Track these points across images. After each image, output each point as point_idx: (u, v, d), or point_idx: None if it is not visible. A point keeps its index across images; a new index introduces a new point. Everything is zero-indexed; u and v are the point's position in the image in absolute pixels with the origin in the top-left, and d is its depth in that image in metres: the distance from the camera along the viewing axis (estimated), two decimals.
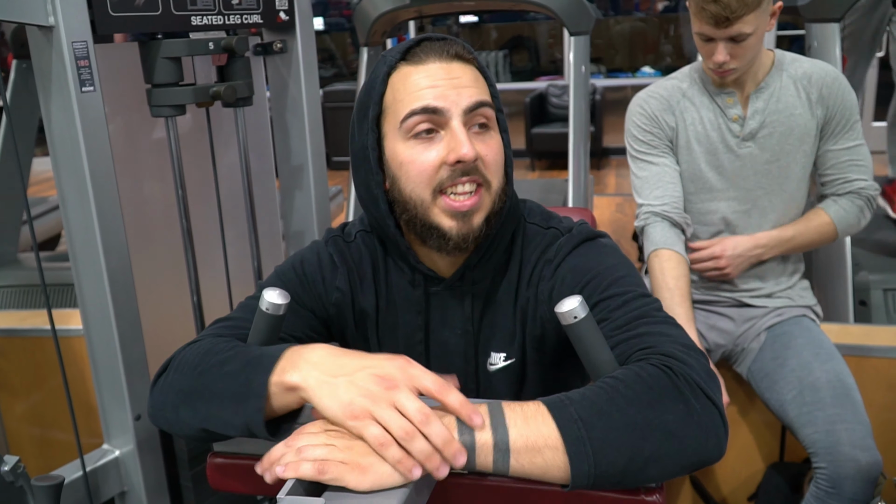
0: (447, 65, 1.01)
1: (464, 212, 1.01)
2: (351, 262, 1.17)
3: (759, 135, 1.77)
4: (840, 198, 1.80)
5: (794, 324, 1.83)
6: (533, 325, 1.11)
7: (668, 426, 0.79)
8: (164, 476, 1.56)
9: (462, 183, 1.00)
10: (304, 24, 1.75)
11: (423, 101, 0.99)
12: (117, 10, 1.35)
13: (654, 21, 8.53)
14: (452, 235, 1.02)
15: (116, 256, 1.39)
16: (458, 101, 0.99)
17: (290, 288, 1.09)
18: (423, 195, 1.02)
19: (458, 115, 0.99)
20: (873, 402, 1.91)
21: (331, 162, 7.40)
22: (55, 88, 1.31)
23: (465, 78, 1.01)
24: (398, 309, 1.16)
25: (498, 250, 1.10)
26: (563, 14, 2.61)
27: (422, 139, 1.00)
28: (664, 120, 1.82)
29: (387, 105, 1.03)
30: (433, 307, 1.14)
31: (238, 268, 1.85)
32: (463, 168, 0.99)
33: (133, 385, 1.45)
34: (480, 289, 1.12)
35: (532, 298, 1.10)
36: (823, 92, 1.74)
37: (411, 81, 1.00)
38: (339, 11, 9.35)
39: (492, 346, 1.13)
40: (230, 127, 1.79)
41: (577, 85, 2.73)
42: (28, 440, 2.33)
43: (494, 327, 1.13)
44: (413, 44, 1.03)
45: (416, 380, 0.82)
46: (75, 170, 1.34)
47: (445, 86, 0.99)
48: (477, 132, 1.01)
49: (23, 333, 2.23)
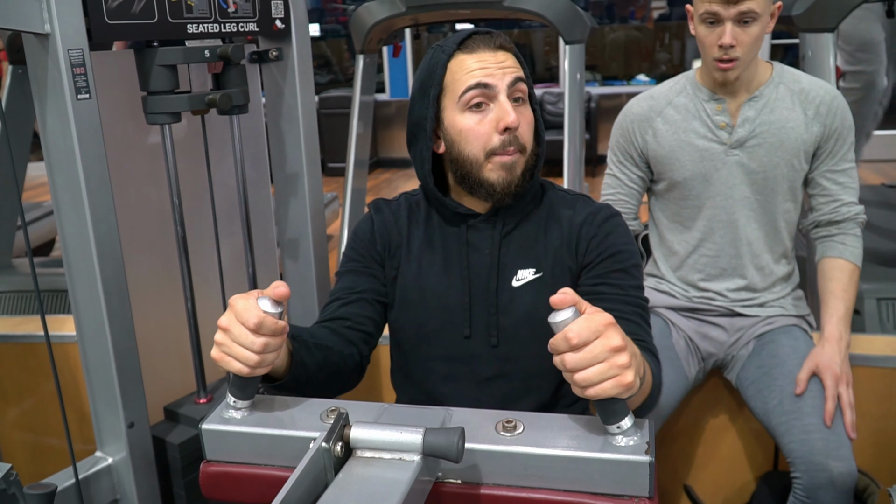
0: (493, 53, 1.25)
1: (510, 164, 1.25)
2: (387, 211, 1.41)
3: (747, 144, 1.76)
4: (841, 234, 1.79)
5: (783, 332, 1.83)
6: (554, 260, 1.32)
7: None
8: (156, 484, 1.55)
9: (508, 153, 1.25)
10: (299, 32, 1.75)
11: (477, 79, 1.23)
12: (113, 18, 1.35)
13: (648, 29, 8.56)
14: (498, 187, 1.26)
15: (111, 263, 1.39)
16: (503, 79, 1.23)
17: (353, 256, 1.39)
18: (478, 155, 1.25)
19: (503, 89, 1.23)
20: (866, 412, 1.91)
21: (326, 168, 7.40)
22: (51, 95, 1.31)
23: (508, 62, 1.25)
24: (436, 239, 1.37)
25: (527, 197, 1.34)
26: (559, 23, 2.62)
27: (476, 110, 1.24)
28: (637, 134, 1.88)
29: (446, 84, 1.27)
30: (469, 236, 1.34)
31: (233, 275, 1.84)
32: (510, 135, 1.23)
33: (126, 392, 1.44)
34: (511, 221, 1.33)
35: (559, 239, 1.33)
36: (821, 110, 1.74)
37: (467, 65, 1.24)
38: (335, 18, 9.37)
39: (519, 265, 1.32)
40: (225, 134, 1.79)
41: (573, 93, 2.73)
42: (20, 447, 2.32)
43: (522, 249, 1.33)
44: (465, 36, 1.27)
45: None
46: (70, 176, 1.34)
47: (493, 68, 1.23)
48: (515, 105, 1.24)
49: (16, 339, 2.22)
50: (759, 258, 1.84)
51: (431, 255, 1.37)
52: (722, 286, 1.87)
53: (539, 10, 2.60)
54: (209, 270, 1.80)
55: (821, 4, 2.24)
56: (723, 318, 1.89)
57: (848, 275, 1.76)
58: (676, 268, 1.93)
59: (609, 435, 0.91)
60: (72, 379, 2.05)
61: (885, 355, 1.89)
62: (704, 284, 1.89)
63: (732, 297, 1.87)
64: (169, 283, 1.71)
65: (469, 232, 1.35)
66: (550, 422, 0.95)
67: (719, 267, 1.86)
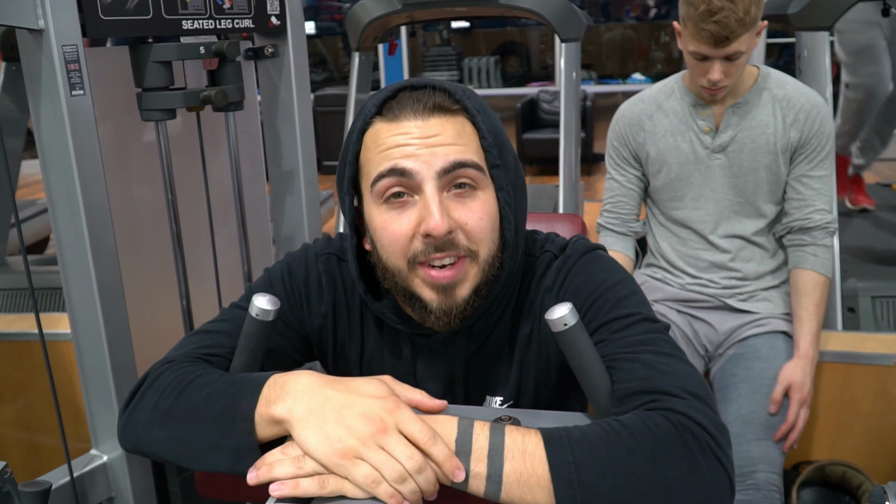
0: (423, 121, 0.92)
1: (444, 284, 0.94)
2: (340, 287, 1.10)
3: (729, 148, 1.81)
4: (813, 244, 1.79)
5: (764, 342, 1.83)
6: (537, 358, 1.06)
7: (668, 482, 0.76)
8: (151, 482, 1.55)
9: (439, 258, 0.93)
10: (295, 28, 1.75)
11: (392, 162, 0.91)
12: (108, 14, 1.34)
13: (644, 28, 8.57)
14: (434, 308, 0.95)
15: (105, 260, 1.39)
16: (431, 163, 0.91)
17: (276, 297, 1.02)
18: (398, 265, 0.95)
19: (431, 178, 0.91)
20: (861, 410, 1.92)
21: (321, 166, 7.39)
22: (45, 92, 1.30)
23: (445, 135, 0.92)
24: (384, 352, 1.10)
25: (496, 312, 1.04)
26: (555, 20, 2.62)
27: (394, 204, 0.93)
28: (630, 137, 1.92)
29: (362, 164, 0.97)
30: (420, 361, 1.08)
31: (228, 272, 1.84)
32: (435, 243, 0.91)
33: (121, 390, 1.44)
34: (475, 341, 1.06)
35: (536, 330, 1.05)
36: (800, 116, 1.76)
37: (382, 140, 0.93)
38: (330, 16, 9.35)
39: (487, 391, 1.09)
40: (221, 131, 1.78)
41: (568, 91, 2.74)
42: (15, 445, 2.31)
43: (489, 372, 1.08)
44: (390, 94, 0.95)
45: (405, 426, 0.79)
46: (65, 173, 1.33)
47: (418, 145, 0.91)
48: (458, 194, 0.93)
49: (10, 337, 2.21)
50: (746, 252, 1.88)
51: (379, 372, 1.06)
52: (712, 276, 1.91)
53: (535, 7, 2.60)
54: (204, 268, 1.80)
55: (816, 3, 2.24)
56: (713, 314, 1.91)
57: (821, 289, 1.79)
58: (670, 260, 1.97)
59: None
60: (66, 377, 2.05)
61: (880, 353, 1.90)
62: (696, 273, 1.92)
63: (724, 283, 1.89)
64: (164, 280, 1.70)
65: (421, 352, 1.07)
66: (549, 418, 0.94)
67: (708, 261, 1.90)
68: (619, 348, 0.91)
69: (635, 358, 0.89)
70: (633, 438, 0.78)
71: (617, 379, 0.89)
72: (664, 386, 0.85)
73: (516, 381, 1.07)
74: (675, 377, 0.86)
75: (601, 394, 0.91)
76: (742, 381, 1.76)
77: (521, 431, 0.80)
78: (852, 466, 1.85)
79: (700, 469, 0.78)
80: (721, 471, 0.79)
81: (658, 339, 0.92)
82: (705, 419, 0.81)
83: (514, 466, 0.78)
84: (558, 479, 0.76)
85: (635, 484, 0.76)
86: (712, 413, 0.84)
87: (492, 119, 0.97)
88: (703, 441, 0.79)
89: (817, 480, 1.90)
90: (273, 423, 0.85)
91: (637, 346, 0.91)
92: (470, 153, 0.93)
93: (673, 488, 0.76)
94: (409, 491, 0.77)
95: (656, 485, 0.76)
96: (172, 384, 0.95)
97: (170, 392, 0.94)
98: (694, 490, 0.77)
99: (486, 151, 0.95)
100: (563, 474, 0.76)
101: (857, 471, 1.84)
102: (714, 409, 0.85)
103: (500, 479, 0.78)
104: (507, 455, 0.78)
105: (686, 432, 0.79)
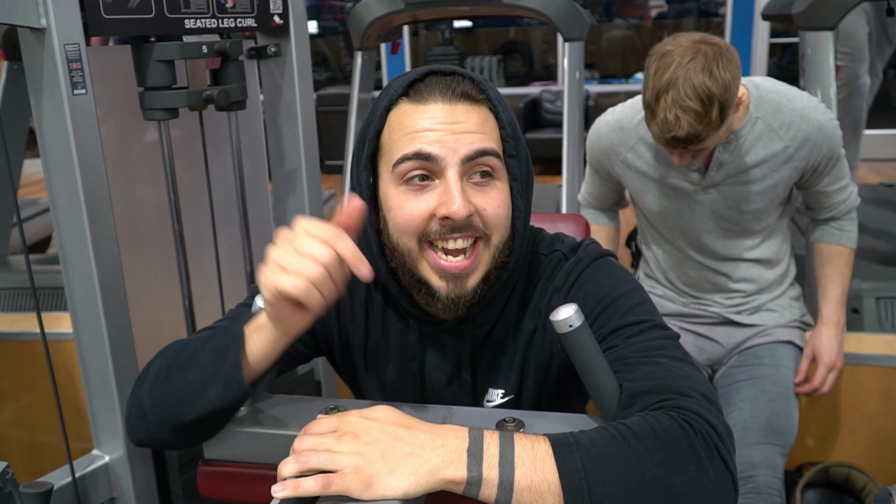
0: (451, 106, 0.93)
1: (455, 274, 0.95)
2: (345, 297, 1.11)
3: (721, 185, 1.69)
4: (836, 220, 1.78)
5: (766, 349, 1.81)
6: (539, 354, 1.07)
7: (676, 487, 0.77)
8: (154, 483, 1.54)
9: (453, 239, 0.94)
10: (298, 27, 1.74)
11: (418, 146, 0.92)
12: (110, 13, 1.34)
13: (647, 27, 8.56)
14: (441, 296, 0.97)
15: (107, 260, 1.38)
16: (456, 149, 0.92)
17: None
18: (409, 245, 0.96)
19: (454, 164, 0.92)
20: (866, 411, 1.91)
21: (324, 166, 7.38)
22: (47, 91, 1.30)
23: (470, 122, 0.93)
24: (390, 339, 1.12)
25: (501, 299, 1.05)
26: (558, 20, 2.61)
27: (414, 186, 0.94)
28: (609, 165, 1.82)
29: (383, 143, 0.97)
30: (428, 349, 1.10)
31: (230, 272, 1.83)
32: (452, 225, 0.92)
33: (123, 390, 1.43)
34: (481, 330, 1.07)
35: (540, 328, 1.06)
36: (804, 146, 1.64)
37: (409, 122, 0.93)
38: (332, 15, 9.35)
39: (489, 384, 1.10)
40: (223, 130, 1.78)
41: (572, 90, 2.73)
42: (17, 445, 2.31)
43: (492, 365, 1.09)
44: (418, 77, 0.95)
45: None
46: (67, 173, 1.33)
47: (445, 130, 0.92)
48: (478, 182, 0.94)
49: (12, 337, 2.21)
50: (745, 271, 1.82)
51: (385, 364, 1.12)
52: (714, 297, 1.87)
53: (538, 7, 2.60)
54: (206, 268, 1.80)
55: (820, 3, 2.23)
56: (718, 329, 1.88)
57: (845, 259, 1.79)
58: (671, 280, 1.91)
59: None
60: (68, 377, 2.05)
61: (884, 354, 1.89)
62: (698, 294, 1.88)
63: (727, 303, 1.86)
64: (166, 280, 1.70)
65: (428, 341, 1.08)
66: (551, 420, 0.94)
67: (710, 282, 1.85)
68: (632, 352, 0.92)
69: (650, 361, 0.90)
70: (641, 444, 0.79)
71: (632, 378, 0.89)
72: (679, 387, 0.86)
73: (518, 375, 1.08)
74: (688, 380, 0.88)
75: (605, 395, 0.91)
76: (744, 386, 1.75)
77: (529, 439, 0.81)
78: (856, 468, 1.84)
79: (707, 473, 0.79)
80: (726, 474, 0.80)
81: (670, 345, 0.94)
82: (716, 420, 0.83)
83: (525, 473, 0.78)
84: (568, 486, 0.77)
85: (644, 490, 0.77)
86: (721, 416, 0.85)
87: (509, 111, 0.99)
88: (711, 442, 0.80)
89: (821, 482, 1.90)
90: (257, 330, 0.91)
91: (650, 351, 0.92)
92: (492, 142, 0.95)
93: (681, 493, 0.77)
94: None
95: (664, 490, 0.77)
96: (174, 348, 1.02)
97: (171, 354, 1.01)
98: (700, 494, 0.78)
99: (504, 141, 0.97)
100: (572, 481, 0.77)
101: (861, 472, 1.83)
102: (722, 413, 0.86)
103: (511, 487, 0.78)
104: (518, 462, 0.79)
105: (695, 433, 0.80)
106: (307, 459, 0.80)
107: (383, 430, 0.81)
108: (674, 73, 1.43)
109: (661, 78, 1.44)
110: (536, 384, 1.09)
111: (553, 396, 1.10)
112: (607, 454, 0.78)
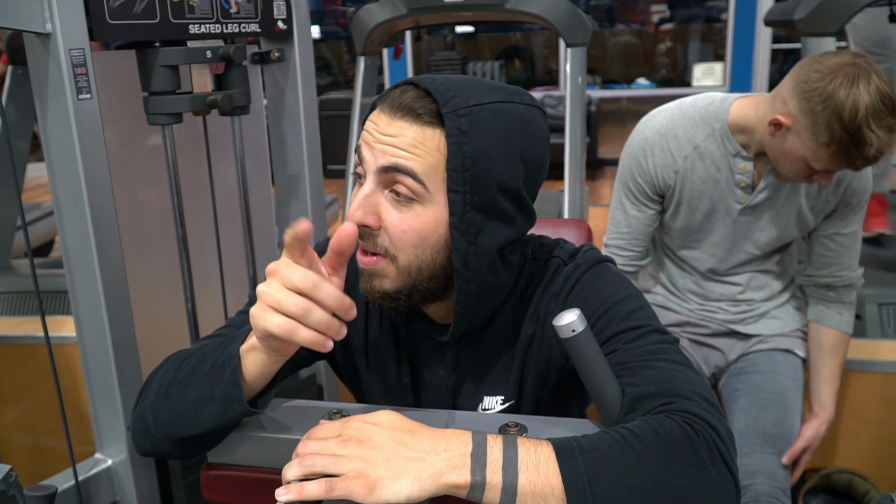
0: (390, 118, 0.92)
1: (364, 269, 0.97)
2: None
3: (760, 207, 1.71)
4: (838, 302, 1.77)
5: (763, 356, 1.81)
6: (538, 359, 1.07)
7: (678, 490, 0.77)
8: (156, 486, 1.54)
9: (361, 243, 0.96)
10: (301, 33, 1.75)
11: (360, 143, 0.95)
12: (115, 18, 1.35)
13: (649, 33, 8.57)
14: (363, 290, 0.99)
15: (111, 264, 1.39)
16: (375, 158, 0.92)
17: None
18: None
19: (372, 171, 0.92)
20: (868, 417, 1.91)
21: (326, 170, 7.40)
22: (52, 95, 1.30)
23: (401, 138, 0.91)
24: (390, 342, 1.12)
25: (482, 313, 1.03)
26: (560, 25, 2.61)
27: (359, 182, 0.96)
28: (663, 179, 1.71)
29: None
30: (425, 352, 1.10)
31: (233, 276, 1.84)
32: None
33: (126, 394, 1.44)
34: (478, 335, 1.07)
35: (539, 333, 1.06)
36: (842, 183, 1.65)
37: (368, 123, 0.96)
38: (335, 20, 9.37)
39: (484, 391, 1.09)
40: (227, 135, 1.78)
41: (574, 96, 2.73)
42: (20, 449, 2.31)
43: (487, 370, 1.08)
44: (394, 85, 0.97)
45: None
46: (71, 177, 1.33)
47: (375, 138, 0.92)
48: (395, 199, 0.93)
49: (15, 340, 2.21)
50: (757, 281, 1.84)
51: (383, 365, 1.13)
52: (721, 304, 1.87)
53: (540, 12, 2.60)
54: (210, 272, 1.80)
55: (823, 8, 2.24)
56: (721, 339, 1.88)
57: (844, 348, 1.78)
58: (677, 286, 1.91)
59: None
60: (71, 380, 2.05)
61: (886, 360, 1.89)
62: (703, 302, 1.88)
63: (733, 310, 1.86)
64: (169, 284, 1.70)
65: (419, 339, 1.10)
66: (553, 425, 0.94)
67: (718, 293, 1.86)
68: (632, 357, 0.92)
69: (650, 365, 0.90)
70: (643, 447, 0.79)
71: (633, 383, 0.90)
72: (680, 390, 0.86)
73: (517, 380, 1.08)
74: (689, 383, 0.88)
75: (609, 400, 0.90)
76: (741, 395, 1.75)
77: (532, 443, 0.81)
78: (858, 474, 1.84)
79: (709, 476, 0.79)
80: (729, 476, 0.81)
81: (670, 349, 0.94)
82: (718, 423, 0.83)
83: (529, 478, 0.78)
84: (571, 489, 0.77)
85: (646, 493, 0.77)
86: (723, 418, 0.86)
87: (480, 145, 0.91)
88: (714, 444, 0.80)
89: (823, 488, 1.90)
90: (251, 350, 0.91)
91: (651, 355, 0.92)
92: (418, 165, 0.91)
93: (683, 496, 0.77)
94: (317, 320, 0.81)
95: (667, 493, 0.77)
96: (174, 362, 1.01)
97: (172, 369, 1.00)
98: (703, 497, 0.78)
99: (448, 172, 0.91)
100: (576, 485, 0.77)
101: (863, 478, 1.83)
102: (724, 417, 0.86)
103: (514, 491, 0.78)
104: (521, 466, 0.79)
105: (697, 436, 0.80)
106: (311, 463, 0.80)
107: (387, 434, 0.81)
108: (860, 97, 1.41)
109: (853, 103, 1.41)
110: (535, 389, 1.09)
111: (552, 400, 1.10)
112: (610, 458, 0.78)
